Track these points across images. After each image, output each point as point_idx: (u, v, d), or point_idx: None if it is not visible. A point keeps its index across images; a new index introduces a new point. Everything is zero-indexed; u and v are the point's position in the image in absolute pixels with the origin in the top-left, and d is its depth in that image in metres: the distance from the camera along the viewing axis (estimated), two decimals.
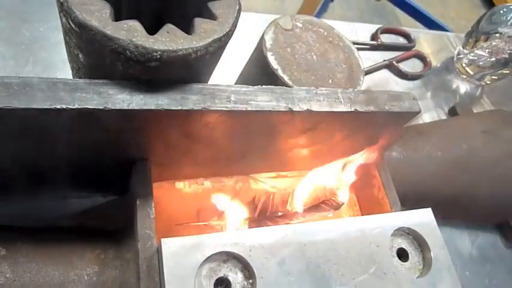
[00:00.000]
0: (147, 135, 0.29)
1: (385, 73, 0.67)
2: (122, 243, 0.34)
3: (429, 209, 0.38)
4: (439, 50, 0.76)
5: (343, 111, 0.32)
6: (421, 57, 0.72)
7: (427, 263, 0.36)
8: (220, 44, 0.27)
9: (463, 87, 0.73)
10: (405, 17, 1.64)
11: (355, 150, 0.42)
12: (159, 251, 0.29)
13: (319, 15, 1.60)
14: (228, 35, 0.28)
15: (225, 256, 0.30)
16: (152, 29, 0.26)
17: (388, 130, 0.38)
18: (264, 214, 0.40)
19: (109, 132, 0.28)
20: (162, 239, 0.28)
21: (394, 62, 0.68)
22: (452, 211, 0.53)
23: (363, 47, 0.68)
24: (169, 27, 0.26)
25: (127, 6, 0.32)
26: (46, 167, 0.32)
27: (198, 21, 0.27)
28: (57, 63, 0.46)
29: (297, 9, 1.74)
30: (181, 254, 0.28)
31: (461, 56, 0.72)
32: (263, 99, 0.30)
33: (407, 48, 0.72)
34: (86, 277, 0.31)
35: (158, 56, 0.25)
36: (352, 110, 0.32)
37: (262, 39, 0.39)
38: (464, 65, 0.72)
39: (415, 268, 0.36)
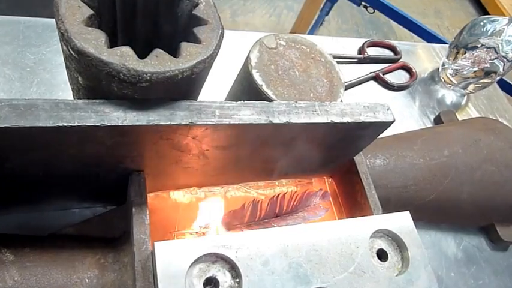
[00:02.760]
0: (141, 148, 0.32)
1: (371, 85, 0.70)
2: (120, 249, 0.37)
3: (407, 212, 0.40)
4: (425, 61, 0.79)
5: (319, 123, 0.35)
6: (407, 69, 0.75)
7: (405, 262, 0.38)
8: (205, 65, 0.31)
9: (449, 96, 0.76)
10: (400, 27, 1.68)
11: (334, 161, 0.45)
12: (153, 253, 0.32)
13: (314, 28, 1.64)
14: (212, 56, 0.31)
15: (214, 257, 0.33)
16: (144, 53, 0.30)
17: (364, 140, 0.41)
18: (253, 220, 0.43)
19: (106, 146, 0.31)
20: (156, 242, 0.31)
21: (380, 74, 0.71)
22: (436, 215, 0.55)
23: (350, 60, 0.71)
24: (157, 51, 0.29)
25: (122, 34, 0.35)
26: (50, 182, 0.35)
27: (184, 45, 0.30)
28: (60, 84, 0.49)
29: (292, 23, 1.79)
30: (173, 256, 0.31)
31: (445, 66, 0.75)
32: (245, 113, 0.33)
33: (394, 60, 0.75)
34: (87, 280, 0.34)
35: (148, 78, 0.28)
36: (329, 121, 0.35)
37: (247, 58, 0.43)
38: (449, 75, 0.75)
39: (394, 267, 0.38)
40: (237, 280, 0.32)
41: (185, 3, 0.34)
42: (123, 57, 0.28)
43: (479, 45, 0.69)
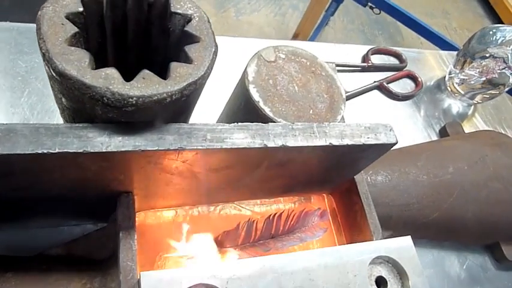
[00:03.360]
0: (128, 171, 0.31)
1: (375, 94, 0.68)
2: (107, 273, 0.35)
3: (409, 237, 0.38)
4: (431, 69, 0.77)
5: (317, 146, 0.33)
6: (413, 77, 0.73)
7: None
8: (196, 86, 0.29)
9: (455, 106, 0.74)
10: (407, 28, 1.66)
11: (333, 180, 0.43)
12: (139, 283, 0.30)
13: (319, 29, 1.62)
14: (204, 77, 0.29)
15: (204, 287, 0.31)
16: (136, 70, 0.28)
17: (365, 161, 0.39)
18: (248, 240, 0.41)
19: (91, 171, 0.29)
20: (141, 273, 0.29)
21: (384, 83, 0.69)
22: (440, 233, 0.54)
23: (353, 69, 0.69)
24: (145, 73, 0.27)
25: (112, 49, 0.34)
26: (35, 201, 0.33)
27: (174, 66, 0.28)
28: (51, 94, 0.47)
29: (297, 22, 1.76)
30: (159, 287, 0.29)
31: (452, 75, 0.73)
32: (238, 136, 0.31)
33: (399, 68, 0.73)
34: None
35: (134, 102, 0.26)
36: (327, 144, 0.34)
37: (245, 72, 0.41)
38: (455, 84, 0.73)
39: None
40: None
41: (177, 18, 0.32)
42: (108, 80, 0.26)
43: (487, 55, 0.67)
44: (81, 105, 0.27)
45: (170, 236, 0.41)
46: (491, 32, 0.68)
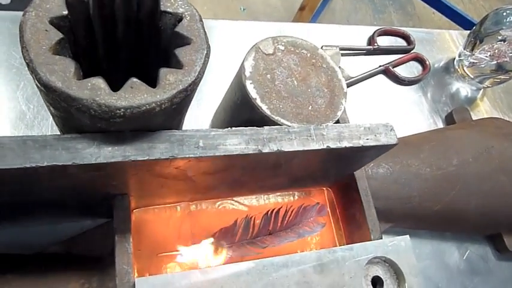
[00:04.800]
0: (120, 178, 0.30)
1: (380, 79, 0.66)
2: (105, 272, 0.36)
3: (407, 237, 0.38)
4: (440, 51, 0.74)
5: (314, 150, 0.32)
6: (420, 60, 0.70)
7: None
8: (187, 93, 0.28)
9: (463, 90, 0.71)
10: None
11: (332, 176, 0.42)
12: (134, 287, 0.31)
13: (325, 2, 1.56)
14: (195, 83, 0.28)
15: None
16: (127, 70, 0.27)
17: (365, 160, 0.38)
18: (245, 237, 0.41)
19: (82, 179, 0.29)
20: (136, 279, 0.30)
21: (390, 67, 0.66)
22: (441, 225, 0.53)
23: (358, 52, 0.67)
24: (133, 81, 0.26)
25: (103, 54, 0.33)
26: (31, 204, 0.33)
27: (163, 72, 0.27)
28: None
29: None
30: None
31: (462, 57, 0.70)
32: (232, 142, 0.30)
33: (406, 50, 0.70)
34: None
35: (121, 113, 0.25)
36: (324, 147, 0.33)
37: (242, 66, 0.40)
38: (465, 67, 0.70)
39: None
40: None
41: (168, 17, 0.31)
42: (94, 91, 0.25)
43: (500, 37, 0.64)
44: (69, 115, 0.27)
45: (168, 233, 0.41)
46: (505, 14, 0.65)
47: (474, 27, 0.69)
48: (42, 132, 0.45)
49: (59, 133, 0.34)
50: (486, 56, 0.66)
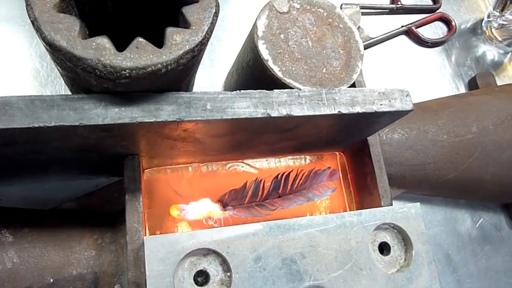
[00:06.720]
0: (129, 139, 0.31)
1: (402, 40, 0.63)
2: (118, 229, 0.37)
3: (417, 204, 0.38)
4: (468, 11, 0.70)
5: (325, 114, 0.31)
6: (446, 20, 0.67)
7: (408, 258, 0.37)
8: (194, 53, 0.27)
9: (490, 54, 0.67)
10: None
11: (345, 141, 0.42)
12: (144, 246, 0.32)
13: None
14: (203, 43, 0.27)
15: (206, 250, 0.32)
16: (135, 30, 0.26)
17: (379, 125, 0.37)
18: (254, 199, 0.42)
19: (91, 139, 0.29)
20: (145, 238, 0.30)
21: (413, 28, 0.63)
22: (455, 193, 0.52)
23: (380, 11, 0.63)
24: (138, 41, 0.26)
25: (110, 9, 0.32)
26: (46, 162, 0.34)
27: (170, 32, 0.26)
28: None
29: None
30: (162, 251, 0.30)
31: (491, 18, 0.66)
32: (240, 105, 0.30)
33: (432, 10, 0.66)
34: (84, 261, 0.35)
35: (127, 74, 0.25)
36: (336, 112, 0.32)
37: (254, 26, 0.38)
38: (493, 29, 0.66)
39: (396, 262, 0.37)
40: (228, 274, 0.32)
41: None
42: (99, 51, 0.25)
43: None
44: (76, 75, 0.27)
45: (179, 193, 0.42)
46: None
47: None
48: (56, 91, 0.45)
49: (69, 93, 0.34)
50: None
